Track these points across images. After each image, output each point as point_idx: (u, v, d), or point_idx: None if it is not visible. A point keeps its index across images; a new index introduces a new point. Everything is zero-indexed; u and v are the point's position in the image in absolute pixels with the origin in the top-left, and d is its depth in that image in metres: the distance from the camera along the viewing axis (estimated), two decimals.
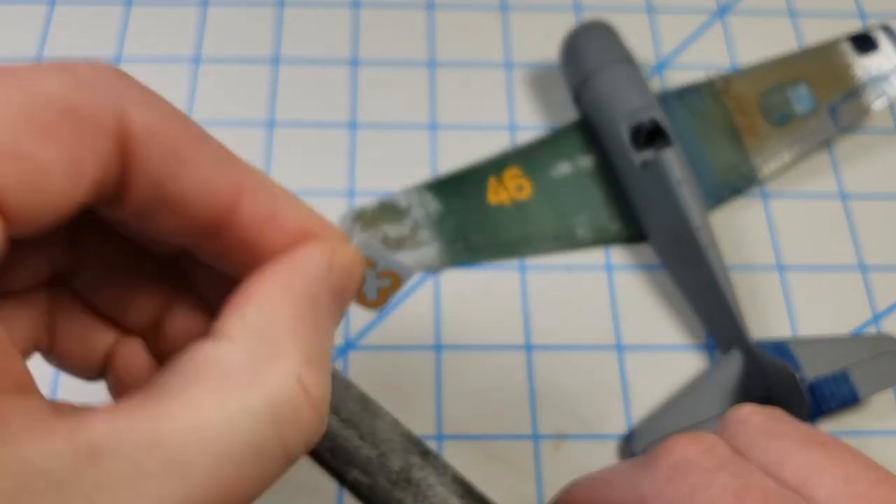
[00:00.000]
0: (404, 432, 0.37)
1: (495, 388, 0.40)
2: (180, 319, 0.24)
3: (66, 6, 0.50)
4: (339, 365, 0.39)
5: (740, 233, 0.45)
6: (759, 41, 0.51)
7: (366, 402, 0.38)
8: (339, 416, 0.37)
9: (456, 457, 0.38)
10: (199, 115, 0.47)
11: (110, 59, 0.48)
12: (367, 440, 0.37)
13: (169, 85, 0.48)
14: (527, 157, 0.46)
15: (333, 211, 0.44)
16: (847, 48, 0.48)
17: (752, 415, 0.24)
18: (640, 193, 0.43)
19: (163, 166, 0.19)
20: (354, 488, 0.37)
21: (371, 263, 0.25)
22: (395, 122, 0.47)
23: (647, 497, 0.22)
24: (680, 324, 0.42)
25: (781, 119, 0.46)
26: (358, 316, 0.41)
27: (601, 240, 0.44)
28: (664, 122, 0.43)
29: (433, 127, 0.47)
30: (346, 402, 0.38)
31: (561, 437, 0.39)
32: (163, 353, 0.24)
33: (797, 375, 0.37)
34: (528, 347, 0.41)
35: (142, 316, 0.24)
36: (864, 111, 0.46)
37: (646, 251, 0.44)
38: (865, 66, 0.47)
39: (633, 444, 0.38)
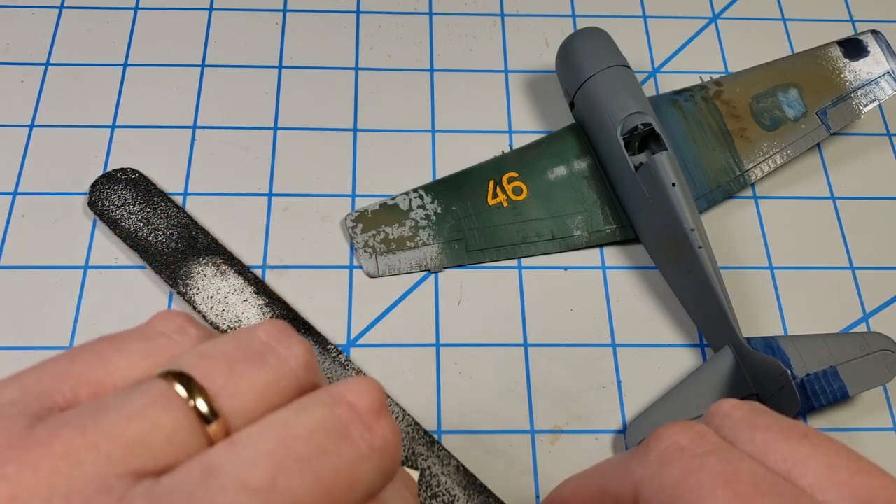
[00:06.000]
0: (411, 423, 0.38)
1: (493, 384, 0.41)
2: None
3: (74, 10, 0.51)
4: (344, 359, 0.40)
5: (732, 234, 0.46)
6: (750, 46, 0.52)
7: None
8: None
9: (455, 451, 0.38)
10: (203, 119, 0.47)
11: (118, 64, 0.49)
12: None
13: (175, 89, 0.49)
14: (524, 160, 0.46)
15: (336, 212, 0.45)
16: (837, 53, 0.48)
17: (734, 408, 0.24)
18: (634, 196, 0.43)
19: None
20: None
21: None
22: (396, 125, 0.48)
23: (639, 482, 0.22)
24: (673, 322, 0.43)
25: (773, 123, 0.47)
26: (360, 314, 0.42)
27: (596, 241, 0.45)
28: (658, 125, 0.43)
29: (433, 131, 0.48)
30: None
31: (557, 431, 0.40)
32: None
33: (787, 372, 0.37)
34: (526, 345, 0.42)
35: None
36: (853, 115, 0.47)
37: (639, 252, 0.45)
38: (855, 70, 0.48)
39: (626, 439, 0.39)
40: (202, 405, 0.18)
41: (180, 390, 0.18)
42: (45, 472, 0.16)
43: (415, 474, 0.29)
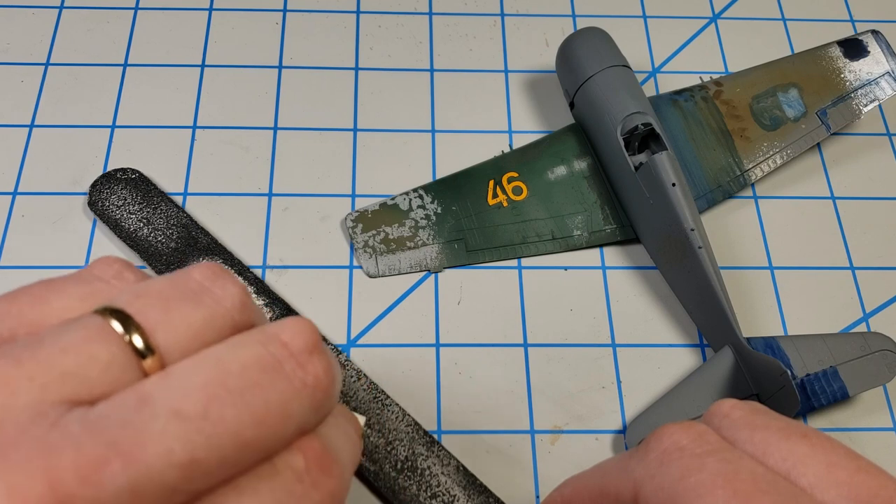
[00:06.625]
0: (411, 423, 0.38)
1: (493, 384, 0.41)
2: None
3: (74, 10, 0.51)
4: (343, 359, 0.40)
5: (732, 234, 0.46)
6: (750, 46, 0.52)
7: (375, 393, 0.39)
8: (348, 404, 0.38)
9: (455, 451, 0.38)
10: (203, 119, 0.47)
11: (118, 64, 0.49)
12: (374, 428, 0.38)
13: (175, 89, 0.49)
14: (524, 160, 0.46)
15: (336, 212, 0.45)
16: (837, 53, 0.48)
17: (733, 409, 0.24)
18: (634, 196, 0.43)
19: None
20: (361, 475, 0.37)
21: None
22: (396, 125, 0.48)
23: (639, 481, 0.23)
24: (673, 322, 0.43)
25: (773, 123, 0.47)
26: (360, 314, 0.42)
27: (596, 241, 0.45)
28: (658, 125, 0.43)
29: (433, 131, 0.48)
30: (356, 391, 0.39)
31: (557, 431, 0.40)
32: None
33: (787, 372, 0.37)
34: (526, 345, 0.42)
35: None
36: (853, 115, 0.47)
37: (639, 252, 0.45)
38: (855, 70, 0.48)
39: (626, 439, 0.39)
40: (138, 340, 0.19)
41: (116, 326, 0.19)
42: None
43: (361, 419, 0.30)
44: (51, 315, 0.20)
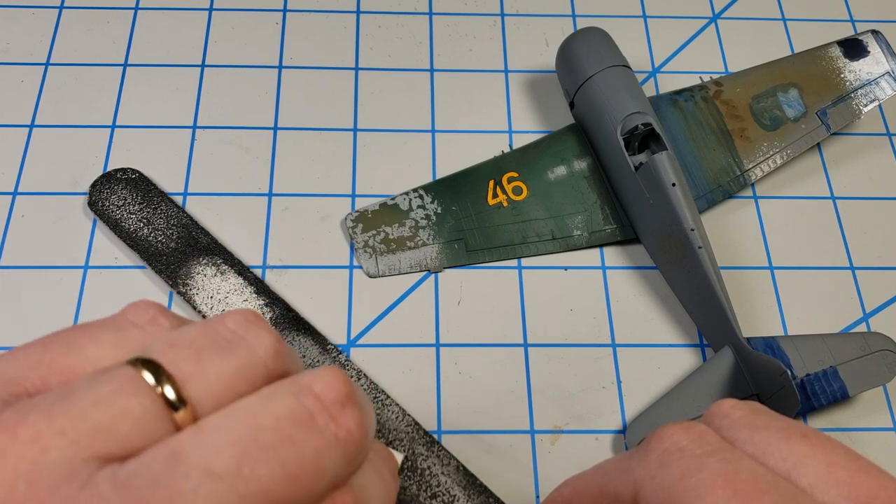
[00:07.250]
0: (411, 423, 0.38)
1: (493, 384, 0.41)
2: None
3: (74, 10, 0.51)
4: (344, 359, 0.40)
5: (732, 234, 0.46)
6: (750, 46, 0.52)
7: (375, 393, 0.39)
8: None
9: (455, 451, 0.38)
10: (203, 119, 0.47)
11: (118, 64, 0.49)
12: (375, 429, 0.38)
13: (175, 89, 0.49)
14: (524, 160, 0.46)
15: (336, 212, 0.45)
16: (837, 53, 0.48)
17: (733, 409, 0.24)
18: (634, 196, 0.43)
19: None
20: None
21: None
22: (396, 125, 0.48)
23: (639, 482, 0.23)
24: (673, 322, 0.43)
25: (773, 123, 0.47)
26: (360, 314, 0.42)
27: (596, 241, 0.45)
28: (658, 125, 0.43)
29: (433, 131, 0.48)
30: None
31: (557, 431, 0.40)
32: None
33: (787, 372, 0.37)
34: (526, 345, 0.42)
35: None
36: (853, 115, 0.47)
37: (639, 252, 0.45)
38: (855, 70, 0.48)
39: (626, 439, 0.39)
40: (170, 392, 0.18)
41: (148, 377, 0.18)
42: (11, 458, 0.16)
43: (399, 456, 0.29)
44: (84, 363, 0.19)
